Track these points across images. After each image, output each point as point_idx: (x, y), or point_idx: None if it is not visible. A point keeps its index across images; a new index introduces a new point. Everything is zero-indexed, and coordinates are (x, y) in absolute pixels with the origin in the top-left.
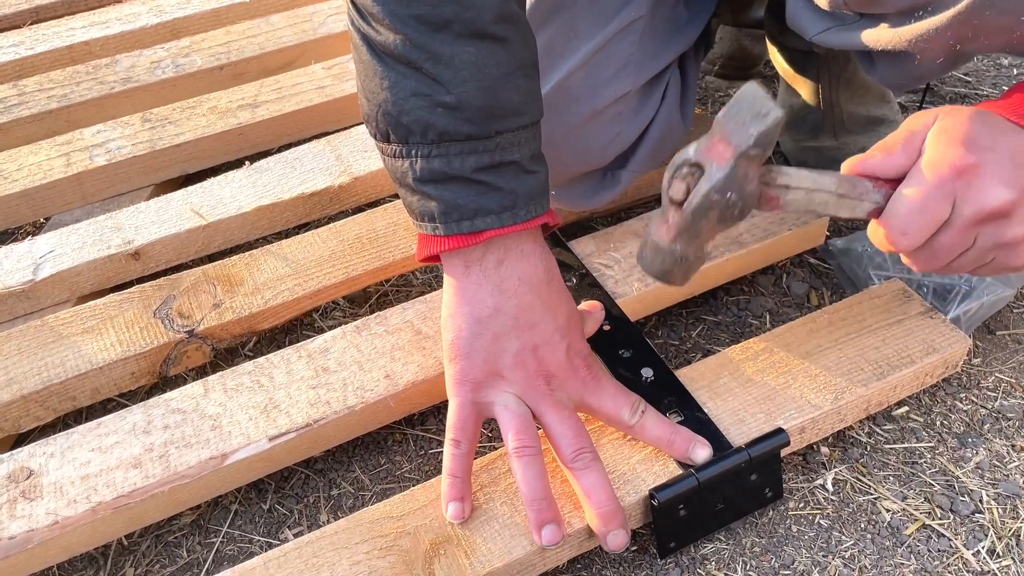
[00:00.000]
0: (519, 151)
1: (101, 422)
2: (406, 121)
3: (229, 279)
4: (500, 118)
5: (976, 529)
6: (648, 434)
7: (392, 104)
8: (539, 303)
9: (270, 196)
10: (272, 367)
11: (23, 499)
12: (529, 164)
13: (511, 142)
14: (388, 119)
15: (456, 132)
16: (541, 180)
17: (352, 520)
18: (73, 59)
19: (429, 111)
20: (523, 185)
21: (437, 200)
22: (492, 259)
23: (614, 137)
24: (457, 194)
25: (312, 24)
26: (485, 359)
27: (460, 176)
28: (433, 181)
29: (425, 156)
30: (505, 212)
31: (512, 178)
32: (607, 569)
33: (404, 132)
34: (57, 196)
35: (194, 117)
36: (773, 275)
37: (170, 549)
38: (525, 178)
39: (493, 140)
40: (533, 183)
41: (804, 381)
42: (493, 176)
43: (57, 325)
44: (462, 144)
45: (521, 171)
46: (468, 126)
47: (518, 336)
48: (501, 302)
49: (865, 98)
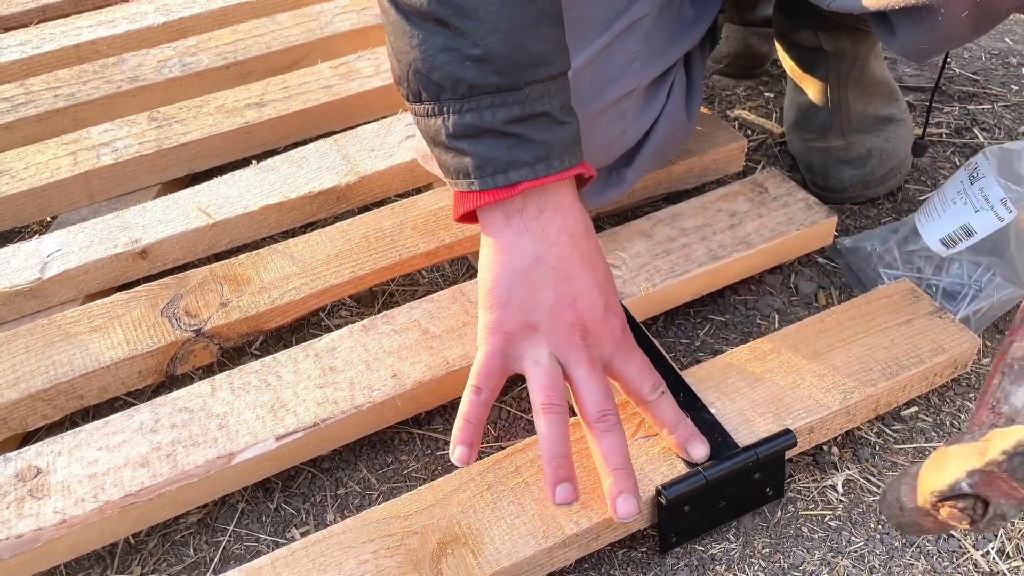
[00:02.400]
0: (550, 102)
1: (108, 421)
2: (436, 77)
3: (236, 278)
4: (529, 68)
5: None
6: (659, 414)
7: (422, 62)
8: (579, 256)
9: (277, 195)
10: (279, 366)
11: (31, 498)
12: (561, 115)
13: (541, 93)
14: (419, 77)
15: (486, 84)
16: (573, 131)
17: (359, 519)
18: (80, 58)
19: (458, 65)
20: (556, 136)
21: (471, 155)
22: (532, 209)
23: (619, 135)
24: (490, 148)
25: (319, 23)
26: (521, 308)
27: (492, 129)
28: (466, 136)
29: (457, 111)
30: (539, 163)
31: (544, 129)
32: (615, 569)
33: (435, 89)
34: (64, 195)
35: (201, 116)
36: (781, 275)
37: (177, 548)
38: (557, 129)
39: (523, 91)
40: (565, 134)
41: (812, 381)
42: (525, 128)
43: (64, 324)
44: (492, 97)
45: (553, 122)
46: (497, 77)
47: (556, 287)
48: (542, 251)
49: (873, 97)
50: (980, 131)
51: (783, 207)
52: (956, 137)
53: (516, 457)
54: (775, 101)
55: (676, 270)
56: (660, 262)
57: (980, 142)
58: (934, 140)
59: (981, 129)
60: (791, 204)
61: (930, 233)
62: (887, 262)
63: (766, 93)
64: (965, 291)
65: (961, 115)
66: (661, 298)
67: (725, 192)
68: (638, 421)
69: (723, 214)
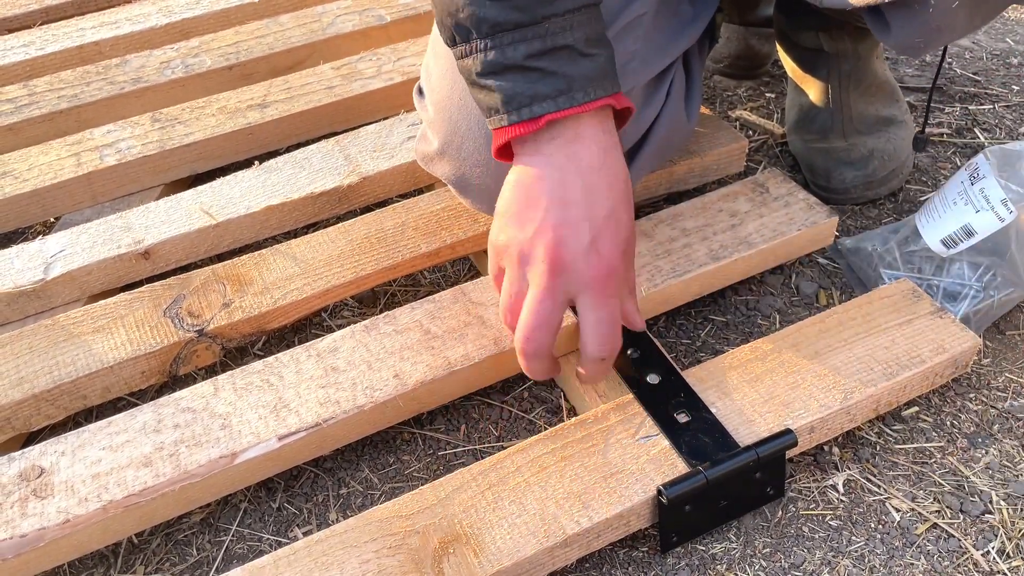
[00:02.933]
0: (571, 35)
1: (112, 421)
2: (463, 18)
3: (238, 278)
4: (546, 3)
5: (986, 529)
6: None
7: (447, 8)
8: (580, 184)
9: (279, 196)
10: (281, 366)
11: (34, 497)
12: (585, 47)
13: (561, 27)
14: (451, 20)
15: (506, 21)
16: (600, 63)
17: (361, 519)
18: (83, 59)
19: (481, 5)
20: (578, 68)
21: (497, 91)
22: (546, 138)
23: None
24: (515, 83)
25: (321, 24)
26: (512, 223)
27: (515, 65)
28: (492, 73)
29: (483, 50)
30: (561, 96)
31: (566, 62)
32: (617, 568)
33: (464, 31)
34: (67, 196)
35: (203, 117)
36: (782, 275)
37: (180, 547)
38: (581, 61)
39: (542, 26)
40: (590, 66)
41: (813, 381)
42: (546, 61)
43: (68, 324)
44: (512, 33)
45: (577, 55)
46: (516, 14)
47: (547, 208)
48: (546, 172)
49: (875, 98)
50: (981, 131)
51: (784, 207)
52: (957, 137)
53: (517, 456)
54: (776, 102)
55: (677, 270)
56: (661, 262)
57: (981, 142)
58: (935, 140)
59: (982, 129)
60: (792, 204)
61: (931, 233)
62: (888, 262)
63: (767, 93)
64: (966, 291)
65: (962, 115)
66: (662, 298)
67: (726, 192)
68: (639, 421)
69: (724, 214)
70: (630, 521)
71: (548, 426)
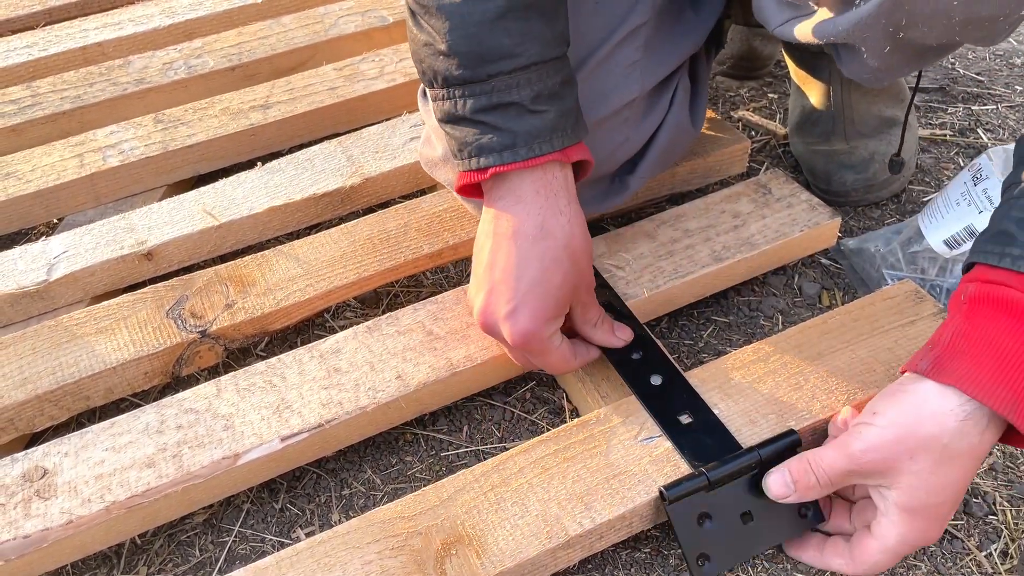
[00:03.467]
0: (518, 93)
1: (115, 422)
2: (424, 68)
3: (241, 279)
4: (490, 62)
5: (989, 531)
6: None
7: (415, 54)
8: (513, 253)
9: (282, 197)
10: (284, 367)
11: (38, 498)
12: (532, 104)
13: (507, 84)
14: (418, 66)
15: (454, 77)
16: (548, 119)
17: (364, 520)
18: (86, 60)
19: (435, 59)
20: (523, 125)
21: (452, 138)
22: (496, 195)
23: (622, 143)
24: (465, 133)
25: (323, 25)
26: (473, 275)
27: (464, 117)
28: (447, 122)
29: (440, 99)
30: (506, 151)
31: (512, 118)
32: (619, 570)
33: (427, 78)
34: (70, 197)
35: (206, 118)
36: (785, 276)
37: (183, 548)
38: (528, 118)
39: (488, 83)
40: (536, 123)
41: (816, 382)
42: (493, 117)
43: (71, 325)
44: (462, 88)
45: (524, 111)
46: (463, 71)
47: (486, 269)
48: (490, 232)
49: (877, 100)
50: (984, 132)
51: (787, 208)
52: (960, 138)
53: (520, 458)
54: (779, 102)
55: (680, 271)
56: (664, 263)
57: (984, 143)
58: (938, 140)
59: (985, 130)
60: (795, 205)
61: (934, 234)
62: (891, 263)
63: (770, 94)
64: None
65: (965, 116)
66: (664, 299)
67: (729, 193)
68: (641, 422)
69: (727, 215)
70: (632, 522)
71: (550, 427)
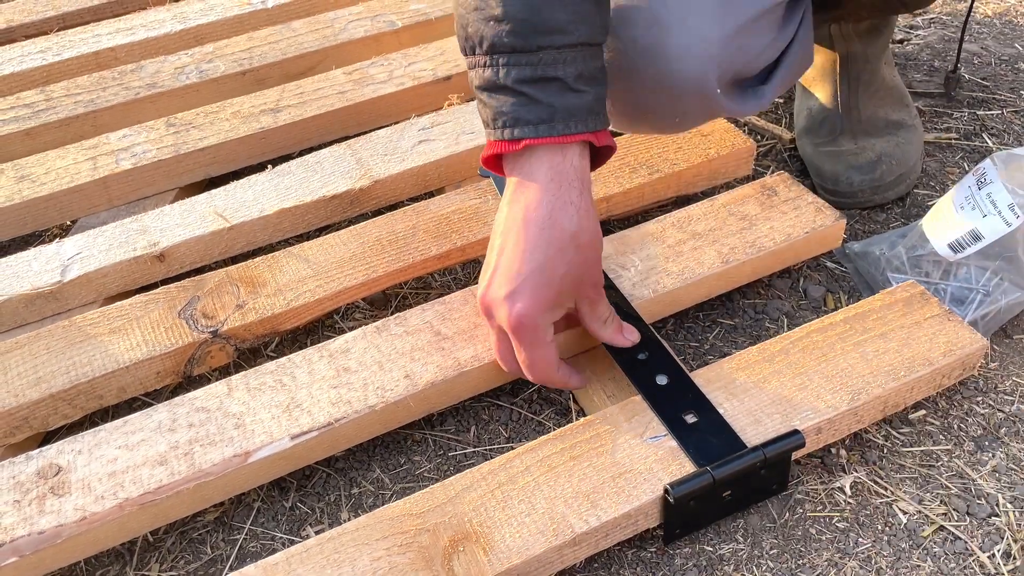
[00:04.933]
0: (563, 69)
1: (127, 420)
2: (469, 33)
3: (252, 280)
4: (543, 34)
5: (992, 532)
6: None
7: (462, 18)
8: (514, 236)
9: (292, 199)
10: (294, 367)
11: (52, 495)
12: (575, 83)
13: (555, 59)
14: (461, 32)
15: (502, 44)
16: (587, 100)
17: (372, 517)
18: (99, 65)
19: (484, 24)
20: (564, 101)
21: (489, 107)
22: (526, 168)
23: (763, 48)
24: (503, 103)
25: (333, 30)
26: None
27: (505, 86)
28: (486, 89)
29: (482, 66)
30: (542, 124)
31: (554, 93)
32: (624, 568)
33: (471, 44)
34: (84, 199)
35: (217, 122)
36: (790, 278)
37: (194, 545)
38: (568, 95)
39: (536, 55)
40: (576, 101)
41: (820, 382)
42: (534, 89)
43: (84, 325)
44: (508, 56)
45: (565, 88)
46: (512, 39)
47: (497, 251)
48: (503, 215)
49: (884, 102)
50: (989, 136)
51: (793, 210)
52: (965, 142)
53: (526, 456)
54: (785, 107)
55: (686, 273)
56: (670, 265)
57: (989, 147)
58: (942, 144)
59: (990, 134)
60: (801, 207)
61: (938, 238)
62: (895, 266)
63: (775, 99)
64: (973, 295)
65: (970, 120)
66: (670, 300)
67: (735, 195)
68: (647, 421)
69: (733, 217)
70: (638, 521)
71: (557, 427)
